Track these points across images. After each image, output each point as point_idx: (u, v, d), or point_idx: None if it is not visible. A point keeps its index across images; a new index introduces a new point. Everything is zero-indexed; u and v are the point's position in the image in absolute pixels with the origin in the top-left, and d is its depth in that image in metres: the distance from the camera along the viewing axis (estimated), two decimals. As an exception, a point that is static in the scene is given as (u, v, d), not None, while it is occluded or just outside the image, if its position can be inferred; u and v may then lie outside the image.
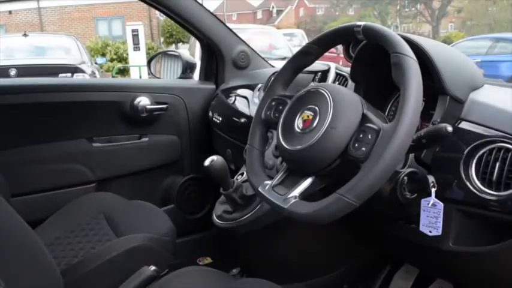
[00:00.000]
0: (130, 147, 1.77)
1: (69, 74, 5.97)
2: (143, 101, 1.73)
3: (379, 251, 1.46)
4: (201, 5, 1.75)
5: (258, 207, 1.20)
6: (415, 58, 0.80)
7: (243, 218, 1.21)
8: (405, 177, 0.87)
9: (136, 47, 9.61)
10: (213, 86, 1.91)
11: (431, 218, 0.88)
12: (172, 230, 1.35)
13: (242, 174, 1.30)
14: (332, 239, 1.42)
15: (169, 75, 2.04)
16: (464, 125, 0.92)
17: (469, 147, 0.88)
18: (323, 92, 0.88)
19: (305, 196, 0.86)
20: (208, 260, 1.90)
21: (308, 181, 0.86)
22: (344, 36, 0.96)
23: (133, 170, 1.79)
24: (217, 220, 1.28)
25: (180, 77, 1.93)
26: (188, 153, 1.88)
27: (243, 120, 1.56)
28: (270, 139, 1.26)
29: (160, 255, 1.26)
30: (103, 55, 12.63)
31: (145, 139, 1.79)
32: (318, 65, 1.33)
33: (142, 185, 1.81)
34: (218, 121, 1.75)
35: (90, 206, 1.43)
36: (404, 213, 0.96)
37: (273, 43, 8.47)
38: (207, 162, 1.16)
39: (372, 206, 0.82)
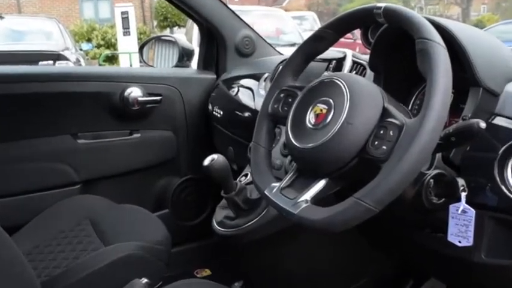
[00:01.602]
0: (120, 144, 1.77)
1: (51, 62, 5.99)
2: (134, 92, 1.73)
3: (401, 263, 1.46)
4: (200, -16, 1.75)
5: (263, 212, 1.20)
6: (443, 44, 0.80)
7: (246, 225, 1.21)
8: (431, 180, 0.87)
9: (126, 32, 9.62)
10: (214, 76, 1.91)
11: (461, 226, 0.88)
12: (166, 238, 1.35)
13: (246, 175, 1.31)
14: (347, 249, 1.42)
15: (163, 63, 2.04)
16: (499, 120, 0.92)
17: (504, 147, 0.87)
18: (338, 82, 0.87)
19: (317, 200, 0.86)
20: (207, 272, 1.90)
21: (321, 183, 0.86)
22: (362, 20, 0.96)
23: (123, 170, 1.79)
24: (217, 227, 1.28)
25: (176, 66, 1.93)
26: (185, 151, 1.88)
27: (247, 114, 1.57)
28: (278, 136, 1.26)
29: (153, 266, 1.26)
30: (89, 40, 12.65)
31: (136, 135, 1.80)
32: (332, 53, 1.33)
33: (133, 187, 1.82)
34: (219, 115, 1.76)
35: (74, 210, 1.44)
36: (430, 220, 0.96)
37: (281, 27, 8.47)
38: (206, 162, 1.16)
39: (393, 212, 0.82)
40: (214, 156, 1.17)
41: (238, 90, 1.69)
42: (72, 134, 1.70)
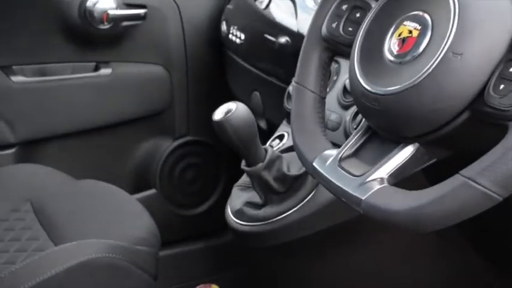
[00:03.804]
0: (80, 85, 1.80)
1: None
2: (102, 1, 1.74)
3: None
4: None
5: (309, 197, 1.21)
6: None
7: (281, 217, 1.22)
8: None
9: None
10: (230, -24, 1.90)
11: None
12: (153, 235, 1.36)
13: (281, 137, 1.32)
14: (446, 261, 1.41)
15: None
16: None
17: None
18: (439, -13, 0.86)
19: (399, 179, 0.85)
20: (215, 288, 1.93)
21: (406, 152, 0.86)
22: None
23: (85, 127, 1.82)
24: (234, 218, 1.29)
25: (170, -42, 1.93)
26: (183, 97, 1.90)
27: (284, 39, 1.56)
28: (335, 75, 1.26)
29: (132, 276, 1.27)
30: None
31: (106, 71, 1.82)
32: None
33: (100, 153, 1.84)
34: (239, 41, 1.76)
35: (8, 187, 1.46)
36: None
37: None
38: (218, 115, 1.16)
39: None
40: (231, 105, 1.17)
41: (269, 1, 1.68)
42: (3, 67, 1.72)
